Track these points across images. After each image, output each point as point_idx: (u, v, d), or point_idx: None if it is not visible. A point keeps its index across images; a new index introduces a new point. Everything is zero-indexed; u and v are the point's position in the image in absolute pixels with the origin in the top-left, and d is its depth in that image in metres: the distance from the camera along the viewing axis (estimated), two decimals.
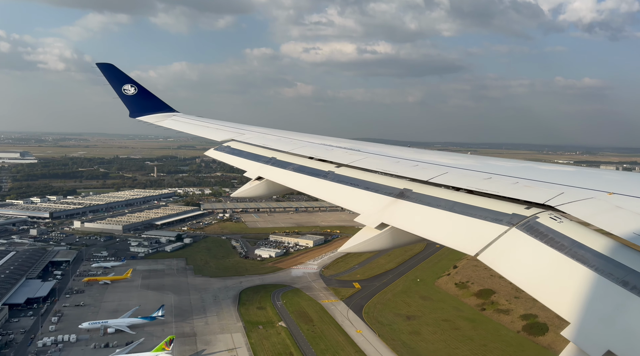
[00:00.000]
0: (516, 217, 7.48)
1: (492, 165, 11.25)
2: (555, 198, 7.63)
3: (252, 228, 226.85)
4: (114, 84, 27.61)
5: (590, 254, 6.05)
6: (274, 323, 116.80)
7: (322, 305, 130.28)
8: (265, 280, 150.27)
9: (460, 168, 10.81)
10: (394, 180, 10.82)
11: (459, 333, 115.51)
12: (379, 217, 9.43)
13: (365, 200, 10.52)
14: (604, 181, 9.08)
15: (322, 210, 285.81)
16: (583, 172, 10.31)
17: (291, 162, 14.45)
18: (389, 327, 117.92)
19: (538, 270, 6.41)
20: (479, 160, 12.39)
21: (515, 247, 6.98)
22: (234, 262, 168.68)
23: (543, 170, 10.61)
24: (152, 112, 28.04)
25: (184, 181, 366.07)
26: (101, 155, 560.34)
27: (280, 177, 13.98)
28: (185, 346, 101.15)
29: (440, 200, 9.07)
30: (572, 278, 5.84)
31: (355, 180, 11.58)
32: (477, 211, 8.15)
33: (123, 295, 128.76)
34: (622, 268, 5.60)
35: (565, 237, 6.51)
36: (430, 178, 10.12)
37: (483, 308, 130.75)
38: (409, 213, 9.24)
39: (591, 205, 7.21)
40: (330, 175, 12.38)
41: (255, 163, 15.61)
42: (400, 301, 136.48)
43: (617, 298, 5.25)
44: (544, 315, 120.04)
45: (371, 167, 12.03)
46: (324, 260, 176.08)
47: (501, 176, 9.58)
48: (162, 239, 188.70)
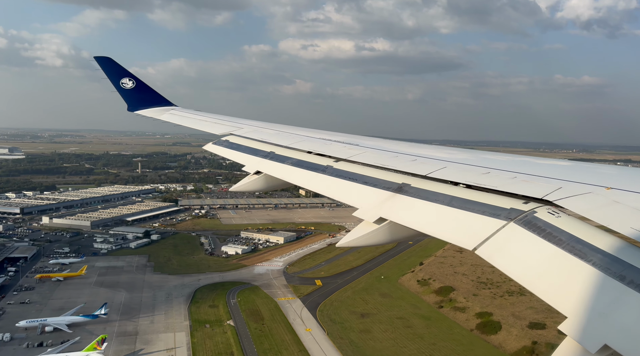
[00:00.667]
0: (514, 211, 7.47)
1: (490, 160, 11.12)
2: (553, 193, 7.63)
3: (226, 224, 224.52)
4: (112, 78, 27.30)
5: (588, 249, 6.02)
6: (222, 321, 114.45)
7: (278, 303, 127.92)
8: (225, 277, 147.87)
9: (459, 163, 10.83)
10: (393, 174, 10.80)
11: (410, 332, 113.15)
12: (378, 211, 9.43)
13: (363, 195, 10.55)
14: (602, 176, 9.00)
15: (302, 206, 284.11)
16: (581, 167, 10.34)
17: (290, 156, 14.47)
18: (340, 325, 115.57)
19: (536, 264, 6.39)
20: (478, 155, 12.13)
21: (513, 242, 6.95)
22: (198, 259, 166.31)
23: (541, 165, 10.52)
24: (150, 105, 27.82)
25: (167, 177, 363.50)
26: (92, 151, 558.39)
27: (278, 171, 13.99)
28: (123, 346, 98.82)
29: (438, 195, 9.06)
30: (569, 272, 5.85)
31: (353, 174, 11.60)
32: (475, 206, 8.14)
33: (73, 292, 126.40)
34: (619, 263, 5.58)
35: (563, 231, 6.49)
36: (429, 172, 10.09)
37: (441, 306, 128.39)
38: (407, 208, 9.25)
39: (589, 200, 7.23)
40: (328, 170, 12.39)
41: (254, 157, 15.63)
42: (359, 299, 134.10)
43: (614, 293, 5.26)
44: (498, 313, 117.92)
45: (370, 161, 12.06)
46: (292, 257, 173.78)
47: (499, 171, 9.52)
48: (129, 235, 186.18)
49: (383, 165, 11.48)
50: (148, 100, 27.91)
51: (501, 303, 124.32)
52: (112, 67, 27.34)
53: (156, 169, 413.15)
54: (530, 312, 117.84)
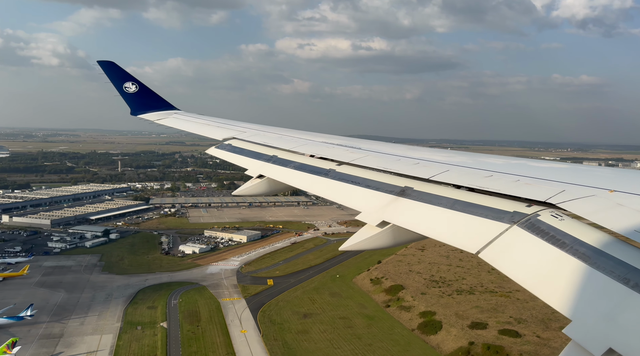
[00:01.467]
0: (517, 214, 7.41)
1: (493, 163, 11.03)
2: (556, 195, 7.58)
3: (193, 223, 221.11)
4: (115, 82, 27.42)
5: (592, 251, 5.96)
6: (156, 323, 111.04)
7: (221, 304, 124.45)
8: (174, 277, 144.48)
9: (462, 166, 10.73)
10: (395, 178, 10.77)
11: (349, 332, 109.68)
12: (380, 214, 9.37)
13: (366, 198, 10.51)
14: (606, 179, 8.91)
15: (277, 205, 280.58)
16: (584, 169, 10.31)
17: (292, 160, 14.50)
18: (279, 326, 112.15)
19: (539, 267, 6.30)
20: (480, 158, 11.80)
21: (516, 245, 6.87)
22: (153, 258, 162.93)
23: (544, 167, 10.56)
24: (153, 110, 27.98)
25: (146, 175, 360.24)
26: (80, 150, 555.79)
27: (281, 175, 13.97)
28: (42, 349, 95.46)
29: (441, 198, 8.98)
30: (573, 275, 5.80)
31: (356, 178, 11.57)
32: (478, 209, 8.08)
33: (9, 293, 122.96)
34: (623, 266, 5.52)
35: (567, 234, 6.43)
36: (432, 176, 10.08)
37: (388, 305, 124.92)
38: (410, 211, 9.18)
39: (592, 203, 7.15)
40: (331, 173, 12.40)
41: (257, 161, 15.68)
42: (307, 299, 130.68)
43: (619, 296, 5.24)
44: (442, 313, 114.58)
45: (372, 164, 12.03)
46: (250, 256, 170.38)
47: (502, 174, 9.46)
48: (88, 234, 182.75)
49: (385, 168, 11.48)
50: (151, 104, 28.15)
51: (447, 302, 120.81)
52: (115, 72, 27.49)
53: (139, 168, 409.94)
54: (475, 311, 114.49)
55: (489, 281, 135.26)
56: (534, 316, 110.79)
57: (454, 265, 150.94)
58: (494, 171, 9.69)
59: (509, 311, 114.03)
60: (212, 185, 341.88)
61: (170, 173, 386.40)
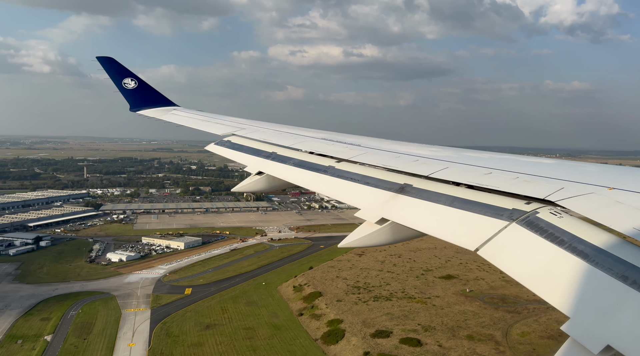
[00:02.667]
0: (516, 212, 7.31)
1: (492, 160, 10.72)
2: (555, 193, 7.48)
3: (137, 229, 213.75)
4: (114, 78, 26.97)
5: (590, 249, 5.86)
6: (40, 336, 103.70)
7: (123, 315, 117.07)
8: (87, 286, 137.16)
9: (461, 163, 10.47)
10: (395, 175, 10.43)
11: (247, 344, 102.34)
12: (379, 212, 9.13)
13: (365, 195, 10.21)
14: (605, 176, 8.68)
15: (234, 210, 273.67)
16: (583, 167, 9.93)
17: (292, 156, 14.20)
18: (173, 339, 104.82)
19: (538, 264, 6.23)
20: (479, 155, 11.48)
21: (515, 242, 6.79)
22: (74, 266, 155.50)
23: (543, 165, 10.19)
24: (152, 105, 27.45)
25: (109, 181, 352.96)
26: (58, 157, 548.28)
27: (280, 171, 13.59)
28: None
29: (440, 195, 8.77)
30: (572, 273, 5.74)
31: (355, 175, 11.23)
32: (477, 206, 7.95)
33: None
34: (622, 263, 5.45)
35: (565, 232, 6.37)
36: (431, 173, 9.81)
37: (301, 313, 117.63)
38: (409, 208, 8.96)
39: (591, 200, 7.11)
40: (330, 170, 12.05)
41: (256, 158, 15.30)
42: (219, 308, 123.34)
43: (617, 293, 5.21)
44: (349, 320, 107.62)
45: (371, 161, 11.92)
46: (180, 264, 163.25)
47: (501, 171, 9.24)
48: (17, 242, 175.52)
49: (385, 165, 11.19)
50: (150, 100, 27.65)
51: (359, 309, 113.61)
52: (114, 67, 26.91)
53: (108, 174, 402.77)
54: (384, 319, 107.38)
55: (412, 286, 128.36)
56: (444, 324, 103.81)
57: (385, 270, 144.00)
58: (493, 168, 9.52)
59: (420, 318, 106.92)
60: (177, 190, 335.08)
61: (137, 179, 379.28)
